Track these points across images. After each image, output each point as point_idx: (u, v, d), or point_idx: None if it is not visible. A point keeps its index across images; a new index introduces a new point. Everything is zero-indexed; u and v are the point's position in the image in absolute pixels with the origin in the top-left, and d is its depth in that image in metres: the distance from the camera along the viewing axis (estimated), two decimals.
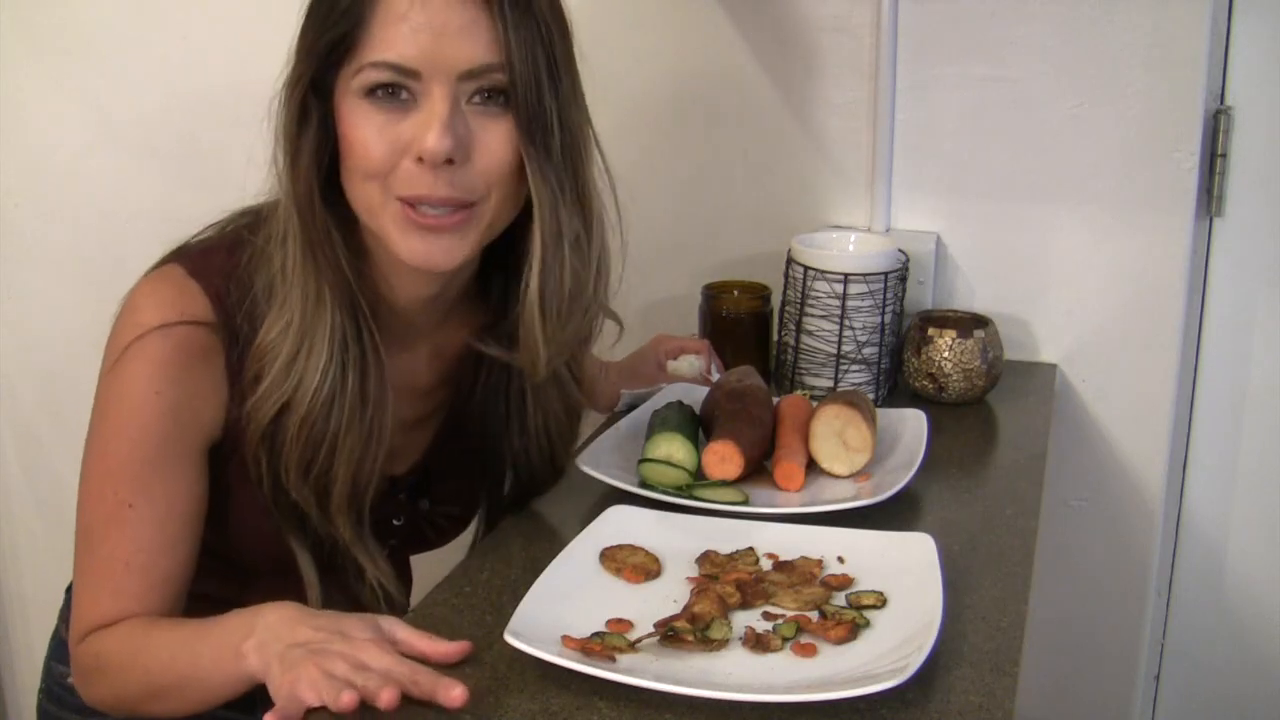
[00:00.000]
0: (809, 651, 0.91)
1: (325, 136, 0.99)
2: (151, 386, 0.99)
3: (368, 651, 0.87)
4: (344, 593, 1.11)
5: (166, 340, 0.99)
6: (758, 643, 0.92)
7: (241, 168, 1.04)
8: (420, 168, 0.94)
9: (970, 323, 1.47)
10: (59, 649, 1.20)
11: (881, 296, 1.44)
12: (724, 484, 1.19)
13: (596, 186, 1.05)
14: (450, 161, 0.94)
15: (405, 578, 1.28)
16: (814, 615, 0.96)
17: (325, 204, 1.00)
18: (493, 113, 0.96)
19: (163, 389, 0.99)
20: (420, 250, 0.98)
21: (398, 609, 1.12)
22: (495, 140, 0.96)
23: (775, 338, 1.55)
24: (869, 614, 0.96)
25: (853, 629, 0.93)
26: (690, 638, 0.92)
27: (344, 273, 1.01)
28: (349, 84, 0.96)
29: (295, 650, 0.88)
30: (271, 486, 1.04)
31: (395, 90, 0.94)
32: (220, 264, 1.02)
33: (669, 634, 0.92)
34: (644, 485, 1.19)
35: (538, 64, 0.95)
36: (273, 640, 0.90)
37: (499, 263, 1.10)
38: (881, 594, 0.98)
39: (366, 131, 0.95)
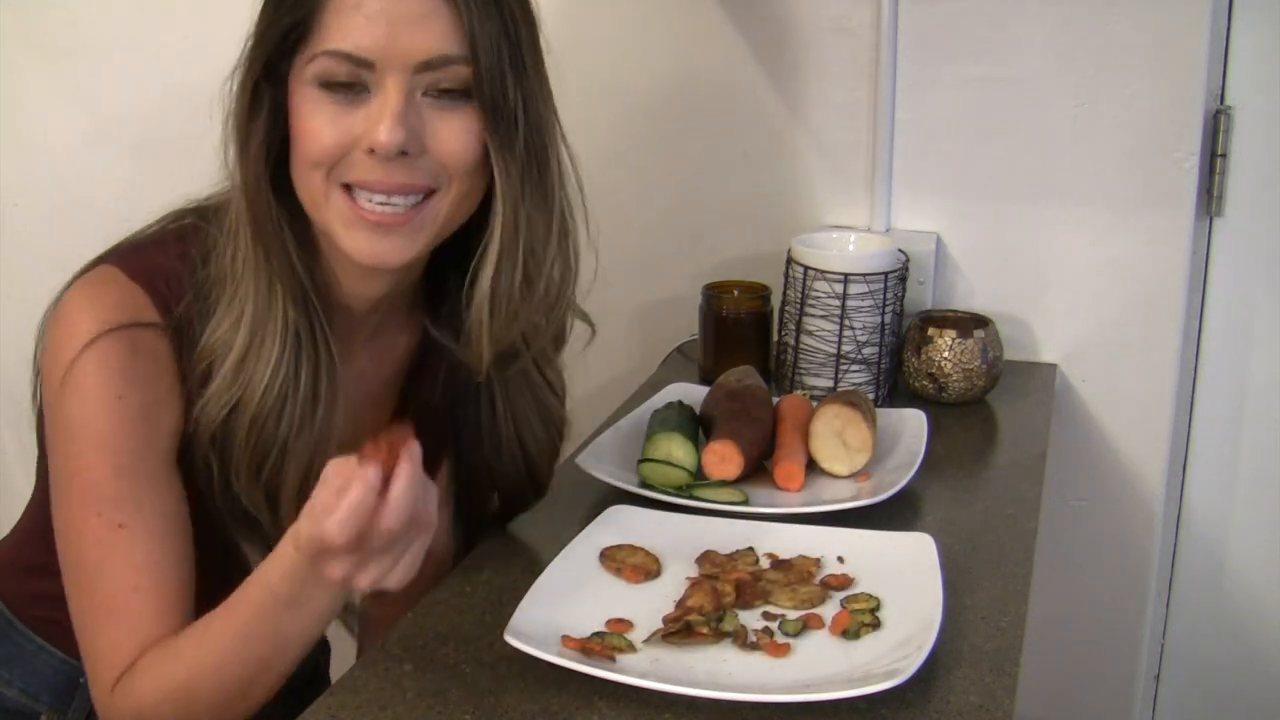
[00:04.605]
0: (808, 652, 0.91)
1: (276, 125, 0.95)
2: (112, 392, 0.92)
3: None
4: None
5: (118, 343, 0.93)
6: (760, 641, 0.92)
7: None
8: (371, 159, 0.91)
9: (970, 323, 1.47)
10: None
11: (881, 296, 1.44)
12: (724, 484, 1.19)
13: (563, 183, 1.01)
14: (404, 154, 0.91)
15: None
16: (825, 614, 0.96)
17: (276, 196, 0.96)
18: (451, 105, 0.93)
19: (125, 393, 0.93)
20: (365, 246, 0.94)
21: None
22: (453, 133, 0.93)
23: (775, 338, 1.55)
24: (867, 615, 0.96)
25: (853, 628, 0.93)
26: (705, 629, 0.92)
27: (295, 266, 0.96)
28: (302, 72, 0.92)
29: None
30: (222, 489, 0.99)
31: (348, 80, 0.91)
32: (160, 263, 0.98)
33: (683, 628, 0.92)
34: (644, 485, 1.19)
35: (502, 56, 0.92)
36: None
37: (455, 261, 1.04)
38: (876, 598, 0.98)
39: (317, 121, 0.92)
